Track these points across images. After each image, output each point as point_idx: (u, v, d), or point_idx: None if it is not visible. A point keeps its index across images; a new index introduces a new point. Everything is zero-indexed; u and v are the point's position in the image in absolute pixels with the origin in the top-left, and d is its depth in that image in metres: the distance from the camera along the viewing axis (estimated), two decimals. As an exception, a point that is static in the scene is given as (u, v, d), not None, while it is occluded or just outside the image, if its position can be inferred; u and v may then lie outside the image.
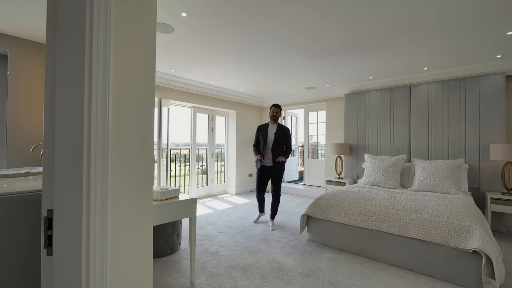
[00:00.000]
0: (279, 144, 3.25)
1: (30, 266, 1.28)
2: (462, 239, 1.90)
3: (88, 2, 0.85)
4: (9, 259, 1.21)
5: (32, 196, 1.29)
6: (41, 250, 0.84)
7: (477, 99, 3.30)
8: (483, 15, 2.09)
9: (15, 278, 1.24)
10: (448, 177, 3.08)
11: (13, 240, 1.23)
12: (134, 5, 1.24)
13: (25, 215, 1.27)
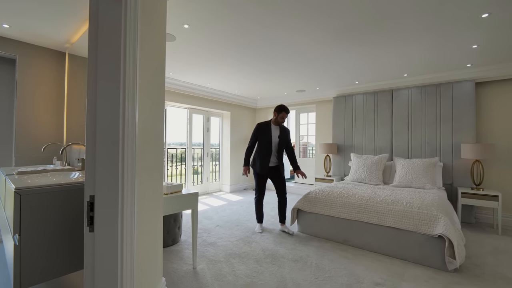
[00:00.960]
0: (283, 146, 3.11)
1: (62, 242, 1.49)
2: (430, 226, 2.20)
3: (123, 31, 1.07)
4: (56, 234, 1.43)
5: (67, 187, 1.50)
6: (84, 228, 1.05)
7: (451, 103, 3.64)
8: (451, 32, 2.40)
9: (52, 252, 1.45)
10: (425, 174, 3.40)
11: (57, 220, 1.44)
12: (152, 27, 1.49)
13: (66, 202, 1.48)
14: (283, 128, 3.15)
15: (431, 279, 2.00)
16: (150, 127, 1.48)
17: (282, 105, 3.08)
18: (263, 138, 3.07)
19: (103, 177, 1.05)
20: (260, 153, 3.07)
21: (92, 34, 1.06)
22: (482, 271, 2.14)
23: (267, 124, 3.13)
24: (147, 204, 1.46)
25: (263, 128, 3.11)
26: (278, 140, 3.07)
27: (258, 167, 3.05)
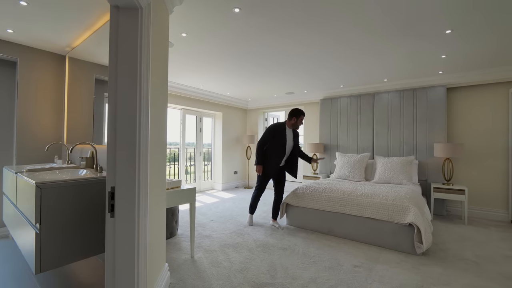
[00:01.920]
0: (295, 149, 3.22)
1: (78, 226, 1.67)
2: (402, 216, 2.50)
3: (139, 50, 1.27)
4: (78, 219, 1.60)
5: (80, 183, 1.67)
6: (105, 214, 1.24)
7: (425, 106, 3.99)
8: (423, 44, 2.70)
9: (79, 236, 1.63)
10: (402, 170, 3.73)
11: (71, 211, 1.61)
12: (159, 36, 1.70)
13: (78, 195, 1.65)
14: (295, 132, 3.25)
15: (402, 262, 2.29)
16: (157, 128, 1.68)
17: (297, 108, 3.13)
18: (278, 140, 3.08)
19: (122, 171, 1.25)
20: (272, 154, 3.09)
21: (113, 44, 1.26)
22: (446, 254, 2.46)
23: (283, 127, 3.13)
24: (154, 196, 1.66)
25: (279, 131, 3.11)
26: (292, 144, 3.18)
27: (269, 168, 3.10)
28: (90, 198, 1.73)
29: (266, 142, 3.13)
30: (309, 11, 2.10)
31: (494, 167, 3.67)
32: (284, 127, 3.14)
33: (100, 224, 1.77)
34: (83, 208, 1.69)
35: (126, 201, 1.25)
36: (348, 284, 1.91)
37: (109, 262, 1.26)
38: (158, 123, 1.69)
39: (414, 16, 2.16)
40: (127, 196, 1.25)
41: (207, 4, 2.02)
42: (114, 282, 1.26)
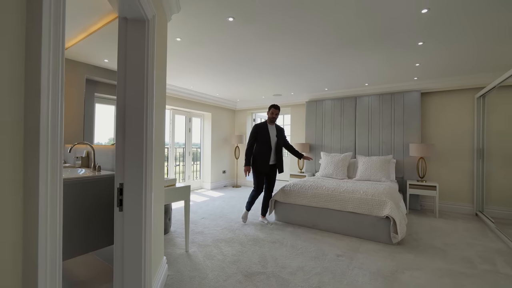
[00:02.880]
0: (280, 145, 3.42)
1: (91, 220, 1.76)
2: (380, 210, 2.75)
3: (145, 59, 1.39)
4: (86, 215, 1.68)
5: (82, 181, 1.76)
6: (114, 208, 1.36)
7: (402, 109, 4.32)
8: (399, 53, 2.98)
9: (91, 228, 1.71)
10: (381, 169, 4.02)
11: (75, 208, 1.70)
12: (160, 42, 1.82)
13: (81, 193, 1.74)
14: (278, 128, 3.45)
15: (379, 251, 2.54)
16: (158, 129, 1.80)
17: (272, 104, 3.43)
18: (262, 138, 3.29)
19: (131, 169, 1.37)
20: (260, 153, 3.27)
21: (122, 52, 1.37)
22: (418, 243, 2.74)
23: (264, 125, 3.37)
24: (156, 192, 1.78)
25: (261, 129, 3.33)
26: (276, 139, 3.36)
27: (259, 166, 3.25)
28: (93, 196, 1.82)
29: (253, 142, 3.32)
30: (297, 21, 2.29)
31: (461, 165, 4.05)
32: (266, 125, 3.36)
33: (101, 220, 1.86)
34: (86, 205, 1.78)
35: (134, 196, 1.37)
36: (332, 271, 2.11)
37: (118, 253, 1.38)
38: (158, 125, 1.81)
39: (391, 28, 2.40)
40: (135, 192, 1.37)
41: (202, 12, 2.16)
42: (123, 271, 1.38)
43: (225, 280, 1.96)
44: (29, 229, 0.59)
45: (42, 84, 0.58)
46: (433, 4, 1.98)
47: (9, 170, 0.56)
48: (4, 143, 0.54)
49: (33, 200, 0.59)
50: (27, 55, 0.58)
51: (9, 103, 0.55)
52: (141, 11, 1.32)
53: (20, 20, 0.56)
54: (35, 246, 0.59)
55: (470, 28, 2.36)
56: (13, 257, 0.57)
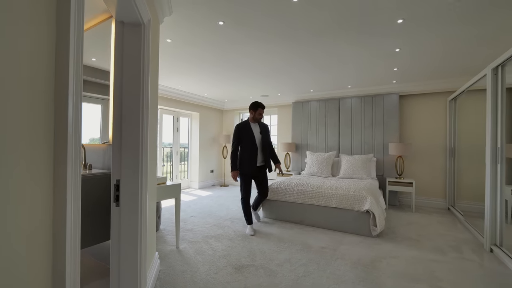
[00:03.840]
0: (265, 143, 3.13)
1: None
2: (361, 205, 2.93)
3: (141, 61, 1.47)
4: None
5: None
6: (111, 204, 1.42)
7: (382, 110, 4.57)
8: (378, 58, 3.18)
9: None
10: (362, 167, 4.24)
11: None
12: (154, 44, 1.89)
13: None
14: (262, 125, 3.17)
15: (360, 242, 2.72)
16: (152, 128, 1.86)
17: (255, 102, 3.09)
18: (246, 138, 3.02)
19: (127, 166, 1.44)
20: (246, 154, 3.01)
21: (118, 54, 1.44)
22: (396, 235, 2.95)
23: (246, 124, 3.09)
24: (150, 189, 1.84)
25: (244, 128, 3.06)
26: (260, 137, 3.09)
27: (246, 168, 3.00)
28: (84, 193, 1.85)
29: (236, 143, 3.07)
30: (284, 26, 2.42)
31: (435, 163, 4.35)
32: (248, 123, 3.09)
33: (92, 217, 1.89)
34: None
35: (130, 192, 1.44)
36: (316, 262, 2.26)
37: (114, 246, 1.44)
38: (152, 124, 1.87)
39: (370, 36, 2.59)
40: (131, 188, 1.44)
41: (194, 16, 2.24)
42: (119, 263, 1.44)
43: (216, 273, 2.05)
44: (58, 217, 0.67)
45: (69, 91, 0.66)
46: (407, 15, 2.17)
47: (43, 168, 0.63)
48: (39, 142, 0.62)
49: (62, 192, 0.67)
50: (57, 64, 0.66)
51: (44, 109, 0.63)
52: (138, 16, 1.39)
53: (51, 35, 0.64)
54: (63, 230, 0.67)
55: (442, 38, 2.59)
56: (45, 238, 0.66)
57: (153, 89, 1.84)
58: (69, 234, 0.68)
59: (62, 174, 0.67)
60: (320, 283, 1.91)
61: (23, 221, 0.59)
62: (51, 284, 0.69)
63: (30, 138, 0.61)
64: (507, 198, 2.74)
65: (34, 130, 0.62)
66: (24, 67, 0.57)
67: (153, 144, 1.92)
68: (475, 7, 2.02)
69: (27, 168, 0.60)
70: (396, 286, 1.88)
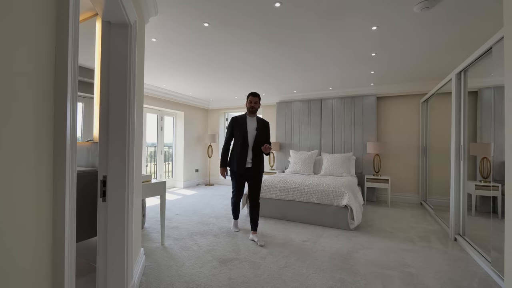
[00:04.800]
0: (261, 141, 2.71)
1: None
2: (340, 200, 3.10)
3: (128, 61, 1.51)
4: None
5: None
6: (97, 199, 1.45)
7: (361, 111, 4.81)
8: (356, 62, 3.37)
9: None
10: (342, 165, 4.44)
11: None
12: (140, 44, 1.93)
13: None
14: (261, 120, 2.78)
15: (339, 236, 2.88)
16: (138, 126, 1.90)
17: (250, 92, 2.83)
18: (239, 132, 2.69)
19: (114, 162, 1.48)
20: (236, 150, 2.71)
21: (105, 54, 1.47)
22: (371, 228, 3.14)
23: (242, 117, 2.76)
24: (136, 186, 1.88)
25: (238, 122, 2.74)
26: (255, 133, 2.70)
27: (234, 166, 2.71)
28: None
29: (228, 137, 2.81)
30: (268, 29, 2.52)
31: (409, 161, 4.64)
32: (245, 117, 2.76)
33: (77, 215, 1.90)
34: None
35: (117, 188, 1.48)
36: (297, 254, 2.38)
37: (101, 241, 1.47)
38: (138, 123, 1.91)
39: (348, 42, 2.75)
40: (118, 183, 1.48)
41: (179, 17, 2.29)
42: (106, 258, 1.48)
43: (201, 267, 2.12)
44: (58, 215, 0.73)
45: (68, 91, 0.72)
46: (381, 23, 2.34)
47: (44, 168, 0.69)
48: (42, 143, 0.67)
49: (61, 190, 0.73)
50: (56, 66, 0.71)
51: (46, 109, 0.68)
52: (124, 16, 1.43)
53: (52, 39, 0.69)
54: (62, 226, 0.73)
55: (412, 44, 2.80)
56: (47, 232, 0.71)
57: (139, 88, 1.88)
58: (67, 226, 0.74)
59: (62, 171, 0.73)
60: (301, 273, 2.03)
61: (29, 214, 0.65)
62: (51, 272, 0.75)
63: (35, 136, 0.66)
64: (471, 192, 3.01)
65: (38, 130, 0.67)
66: (28, 68, 0.62)
67: (139, 142, 1.96)
68: (437, 20, 2.23)
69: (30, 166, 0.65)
70: (370, 272, 2.04)
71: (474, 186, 2.99)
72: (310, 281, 1.91)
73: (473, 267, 2.15)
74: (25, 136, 0.63)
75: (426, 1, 1.96)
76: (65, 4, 0.70)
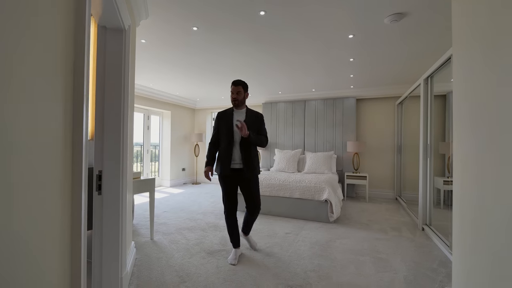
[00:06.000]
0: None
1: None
2: (320, 195, 3.32)
3: (123, 64, 1.62)
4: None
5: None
6: (93, 192, 1.55)
7: (342, 112, 5.08)
8: (337, 66, 3.60)
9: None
10: (324, 163, 4.69)
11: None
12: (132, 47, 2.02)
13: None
14: (251, 113, 2.28)
15: (319, 228, 3.09)
16: (130, 125, 2.00)
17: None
18: (223, 127, 2.24)
19: (109, 158, 1.58)
20: (221, 150, 2.25)
21: (101, 58, 1.57)
22: (349, 221, 3.39)
23: (228, 111, 2.31)
24: (129, 181, 1.97)
25: (223, 116, 2.29)
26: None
27: (220, 168, 2.20)
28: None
29: (214, 135, 2.32)
30: (254, 34, 2.68)
31: (385, 159, 4.97)
32: (231, 110, 2.30)
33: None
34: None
35: (112, 181, 1.58)
36: (280, 244, 2.56)
37: (97, 233, 1.57)
38: (130, 121, 2.01)
39: (328, 48, 2.97)
40: (113, 177, 1.59)
41: (169, 21, 2.40)
42: (102, 249, 1.58)
43: (190, 258, 2.25)
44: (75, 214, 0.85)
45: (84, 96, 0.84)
46: (356, 32, 2.57)
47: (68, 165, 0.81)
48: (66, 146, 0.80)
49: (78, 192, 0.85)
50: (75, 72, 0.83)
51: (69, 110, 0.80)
52: (120, 22, 1.54)
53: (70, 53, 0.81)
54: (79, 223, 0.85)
55: (385, 51, 3.06)
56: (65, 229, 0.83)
57: (130, 88, 1.98)
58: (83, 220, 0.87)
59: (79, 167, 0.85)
60: (283, 260, 2.21)
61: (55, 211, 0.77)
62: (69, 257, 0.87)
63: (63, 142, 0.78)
64: (440, 187, 3.33)
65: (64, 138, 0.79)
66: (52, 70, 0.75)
67: (130, 140, 2.06)
68: (405, 31, 2.48)
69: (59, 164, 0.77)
70: (345, 258, 2.25)
71: (442, 182, 3.30)
72: (291, 267, 2.09)
73: (435, 252, 2.42)
74: (55, 141, 0.75)
75: (394, 14, 2.20)
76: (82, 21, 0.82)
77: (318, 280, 1.89)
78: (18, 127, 0.59)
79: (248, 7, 2.14)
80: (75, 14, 0.81)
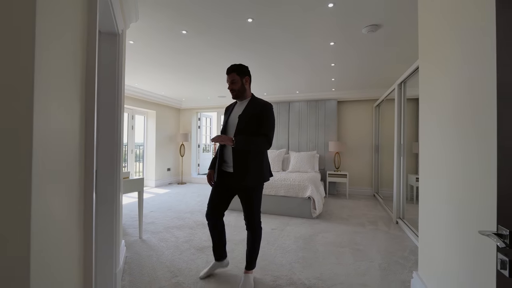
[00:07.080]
0: (245, 132, 1.75)
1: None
2: (304, 192, 3.50)
3: (116, 68, 1.68)
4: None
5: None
6: (88, 192, 1.60)
7: (324, 113, 5.32)
8: (319, 70, 3.80)
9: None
10: (308, 162, 4.89)
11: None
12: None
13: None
14: (252, 105, 1.83)
15: (303, 223, 3.26)
16: (122, 129, 2.04)
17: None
18: (223, 122, 1.95)
19: (103, 158, 1.64)
20: (218, 148, 1.94)
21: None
22: (331, 216, 3.60)
23: (233, 104, 2.00)
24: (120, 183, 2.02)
25: (228, 109, 2.00)
26: (236, 122, 1.79)
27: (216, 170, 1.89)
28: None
29: (223, 133, 1.91)
30: (241, 39, 2.80)
31: (364, 158, 5.27)
32: (235, 103, 1.97)
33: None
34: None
35: (106, 180, 1.64)
36: (267, 239, 2.70)
37: (91, 229, 1.62)
38: (122, 126, 2.05)
39: (310, 54, 3.15)
40: (107, 177, 1.64)
41: (158, 25, 2.46)
42: (97, 246, 1.63)
43: (180, 254, 2.33)
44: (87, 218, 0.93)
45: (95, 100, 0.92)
46: (337, 40, 2.76)
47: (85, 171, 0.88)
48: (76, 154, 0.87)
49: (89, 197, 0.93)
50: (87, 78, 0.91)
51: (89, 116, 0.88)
52: (114, 27, 1.61)
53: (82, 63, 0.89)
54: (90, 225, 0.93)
55: (363, 57, 3.29)
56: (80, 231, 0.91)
57: (123, 90, 2.03)
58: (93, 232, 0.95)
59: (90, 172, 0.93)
60: (269, 254, 2.35)
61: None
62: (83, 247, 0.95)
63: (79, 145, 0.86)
64: (413, 184, 3.62)
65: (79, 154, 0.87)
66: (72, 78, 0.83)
67: (120, 139, 2.10)
68: (381, 40, 2.70)
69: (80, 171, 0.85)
70: (327, 250, 2.43)
71: (415, 179, 3.59)
72: (277, 259, 2.23)
73: (407, 242, 2.67)
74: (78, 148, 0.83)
75: (370, 26, 2.40)
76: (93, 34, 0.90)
77: (302, 270, 2.05)
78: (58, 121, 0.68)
79: (237, 14, 2.25)
80: (87, 28, 0.89)
